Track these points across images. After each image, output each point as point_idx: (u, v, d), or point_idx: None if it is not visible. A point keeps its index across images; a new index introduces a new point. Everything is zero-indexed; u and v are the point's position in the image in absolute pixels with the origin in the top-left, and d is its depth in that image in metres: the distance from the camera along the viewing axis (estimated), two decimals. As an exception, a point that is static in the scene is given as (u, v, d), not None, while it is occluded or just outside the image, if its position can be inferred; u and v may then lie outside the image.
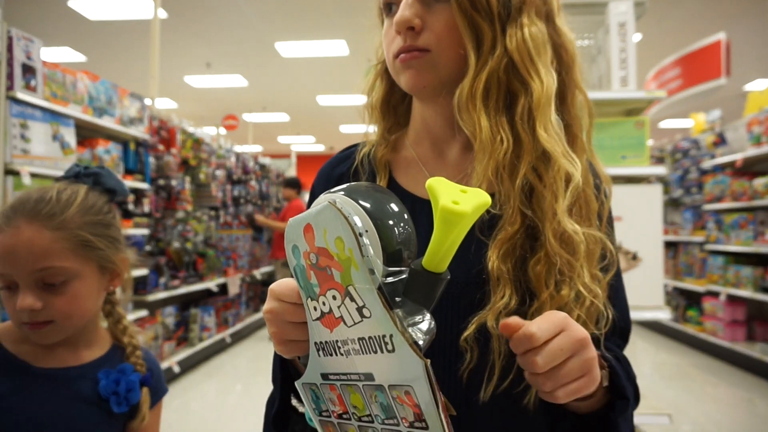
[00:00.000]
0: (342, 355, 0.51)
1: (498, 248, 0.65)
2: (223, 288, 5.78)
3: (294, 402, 0.71)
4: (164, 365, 4.32)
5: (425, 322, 0.48)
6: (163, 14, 6.18)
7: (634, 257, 2.33)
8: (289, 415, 0.72)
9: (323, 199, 0.51)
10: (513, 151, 0.66)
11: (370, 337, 0.48)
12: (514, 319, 0.53)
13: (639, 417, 2.36)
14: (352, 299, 0.48)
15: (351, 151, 0.84)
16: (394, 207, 0.51)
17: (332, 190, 0.53)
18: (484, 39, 0.66)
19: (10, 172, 2.73)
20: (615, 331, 0.72)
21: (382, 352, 0.47)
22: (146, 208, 4.19)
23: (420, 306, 0.49)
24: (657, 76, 6.74)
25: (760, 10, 6.29)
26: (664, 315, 2.34)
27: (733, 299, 5.23)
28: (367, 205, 0.50)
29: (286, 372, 0.71)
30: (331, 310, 0.51)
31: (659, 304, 2.35)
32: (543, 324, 0.52)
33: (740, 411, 4.15)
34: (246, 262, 6.41)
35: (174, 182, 4.63)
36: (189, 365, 4.83)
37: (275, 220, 6.80)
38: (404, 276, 0.49)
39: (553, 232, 0.63)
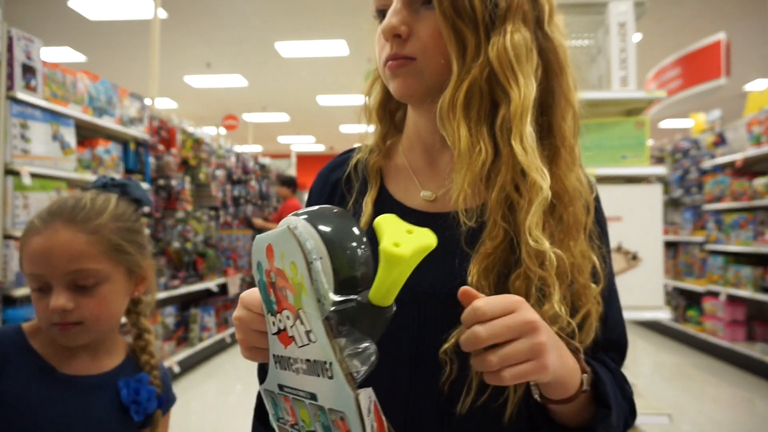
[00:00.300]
0: (293, 371, 0.54)
1: (479, 263, 0.64)
2: (223, 288, 5.78)
3: None
4: (164, 365, 4.32)
5: (366, 353, 0.49)
6: (163, 14, 6.18)
7: (634, 257, 2.33)
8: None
9: (286, 222, 0.53)
10: (492, 162, 0.65)
11: (314, 361, 0.50)
12: (472, 290, 0.54)
13: (639, 417, 2.36)
14: (302, 322, 0.51)
15: (348, 155, 0.84)
16: (353, 234, 0.52)
17: (299, 211, 0.54)
18: (468, 46, 0.65)
19: (10, 172, 2.74)
20: (598, 345, 0.70)
21: (323, 377, 0.50)
22: (146, 208, 4.18)
23: (365, 336, 0.50)
24: (657, 76, 6.74)
25: (760, 10, 6.29)
26: (664, 315, 2.34)
27: (733, 299, 5.23)
28: (325, 231, 0.51)
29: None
30: (285, 328, 0.53)
31: (659, 304, 2.35)
32: (492, 301, 0.53)
33: (740, 411, 4.15)
34: (246, 262, 6.41)
35: (174, 182, 4.63)
36: (189, 365, 4.83)
37: (275, 219, 6.77)
38: (354, 304, 0.50)
39: (527, 248, 0.63)
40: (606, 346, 0.72)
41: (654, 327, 6.76)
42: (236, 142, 6.75)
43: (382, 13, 0.71)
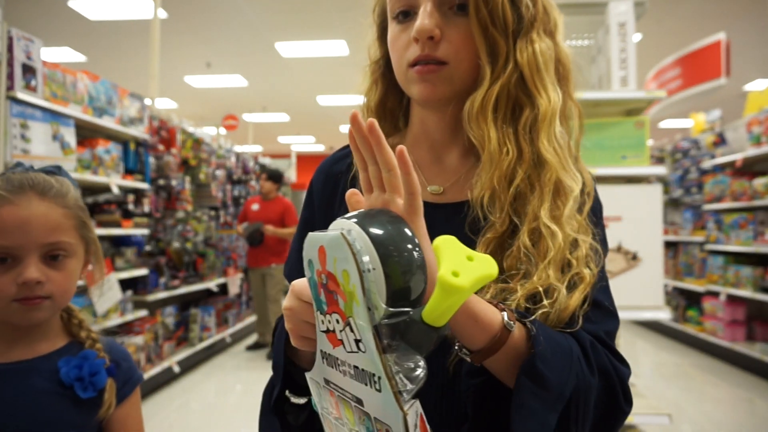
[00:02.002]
0: (340, 372, 0.53)
1: (486, 245, 0.68)
2: (223, 288, 5.78)
3: (287, 393, 0.72)
4: (164, 365, 4.32)
5: (417, 370, 0.48)
6: (163, 14, 6.18)
7: (634, 257, 2.33)
8: (284, 405, 0.73)
9: (338, 225, 0.52)
10: (516, 161, 0.69)
11: (363, 370, 0.49)
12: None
13: (639, 417, 2.36)
14: (352, 330, 0.49)
15: (348, 151, 0.85)
16: (407, 242, 0.51)
17: (350, 215, 0.53)
18: (499, 53, 0.69)
19: (10, 172, 2.74)
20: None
21: (371, 387, 0.49)
22: (146, 208, 4.19)
23: (415, 352, 0.49)
24: (657, 76, 6.74)
25: (760, 10, 6.29)
26: (664, 315, 2.34)
27: (733, 299, 5.23)
28: (379, 239, 0.49)
29: (288, 361, 0.72)
30: (335, 330, 0.52)
31: (659, 304, 2.35)
32: None
33: (740, 411, 4.15)
34: (245, 262, 6.41)
35: (174, 182, 4.63)
36: (189, 365, 4.83)
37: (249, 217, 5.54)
38: (406, 317, 0.49)
39: (529, 230, 0.67)
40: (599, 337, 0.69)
41: (654, 327, 6.76)
42: (236, 142, 6.75)
43: (403, 14, 0.72)
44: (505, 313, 0.58)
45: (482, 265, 0.48)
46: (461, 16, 0.69)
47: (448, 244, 0.50)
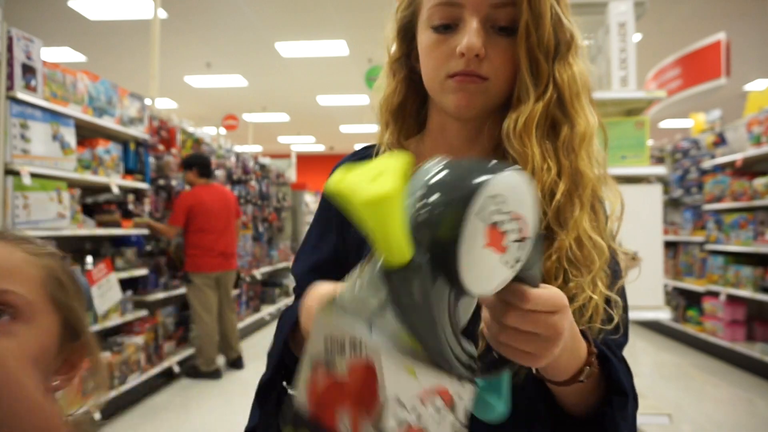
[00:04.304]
0: None
1: None
2: (223, 288, 5.76)
3: (286, 384, 0.73)
4: (164, 365, 4.32)
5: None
6: (163, 14, 6.18)
7: (634, 257, 2.33)
8: (280, 396, 0.74)
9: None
10: (556, 176, 0.72)
11: None
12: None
13: (639, 417, 2.37)
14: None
15: (367, 153, 0.88)
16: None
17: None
18: (542, 74, 0.72)
19: (10, 172, 2.74)
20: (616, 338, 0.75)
21: None
22: (146, 208, 4.19)
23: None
24: (657, 76, 6.74)
25: (760, 10, 6.30)
26: (664, 315, 2.34)
27: (733, 299, 5.23)
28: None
29: (287, 351, 0.73)
30: None
31: (659, 304, 2.35)
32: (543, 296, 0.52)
33: (740, 411, 4.15)
34: (246, 262, 6.41)
35: (174, 182, 4.63)
36: (189, 365, 4.83)
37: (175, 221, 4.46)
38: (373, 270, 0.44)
39: (573, 236, 0.69)
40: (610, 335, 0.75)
41: (654, 327, 6.76)
42: (236, 142, 6.75)
43: (444, 27, 0.74)
44: (588, 368, 0.63)
45: (393, 162, 0.41)
46: (503, 36, 0.71)
47: (346, 177, 0.42)
